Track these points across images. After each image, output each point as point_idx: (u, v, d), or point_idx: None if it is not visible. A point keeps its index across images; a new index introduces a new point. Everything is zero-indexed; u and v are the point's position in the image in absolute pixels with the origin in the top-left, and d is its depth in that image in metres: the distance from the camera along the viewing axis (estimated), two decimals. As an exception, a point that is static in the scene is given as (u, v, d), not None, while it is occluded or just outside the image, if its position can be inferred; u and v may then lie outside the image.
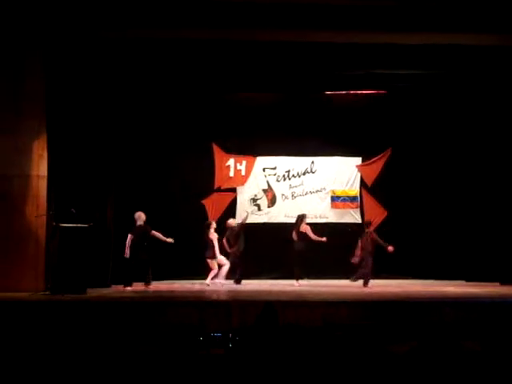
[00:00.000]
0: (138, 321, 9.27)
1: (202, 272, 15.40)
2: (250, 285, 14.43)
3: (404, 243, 15.47)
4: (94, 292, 11.95)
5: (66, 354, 5.51)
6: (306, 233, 14.57)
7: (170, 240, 13.68)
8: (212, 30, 12.29)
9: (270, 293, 12.47)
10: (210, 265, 14.37)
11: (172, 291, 13.07)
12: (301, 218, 14.92)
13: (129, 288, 13.22)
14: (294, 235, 14.61)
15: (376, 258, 14.90)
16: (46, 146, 12.54)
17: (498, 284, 14.17)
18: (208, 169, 16.30)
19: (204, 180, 16.28)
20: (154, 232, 13.57)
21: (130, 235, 13.47)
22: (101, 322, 9.17)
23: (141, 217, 13.69)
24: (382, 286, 13.92)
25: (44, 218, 12.27)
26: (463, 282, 14.81)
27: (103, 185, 14.00)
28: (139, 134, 15.37)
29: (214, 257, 14.33)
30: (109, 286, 13.47)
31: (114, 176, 14.34)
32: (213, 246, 14.30)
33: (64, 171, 12.97)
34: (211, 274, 14.33)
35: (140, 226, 13.63)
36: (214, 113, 16.06)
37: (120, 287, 13.45)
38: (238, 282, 14.67)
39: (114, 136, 14.33)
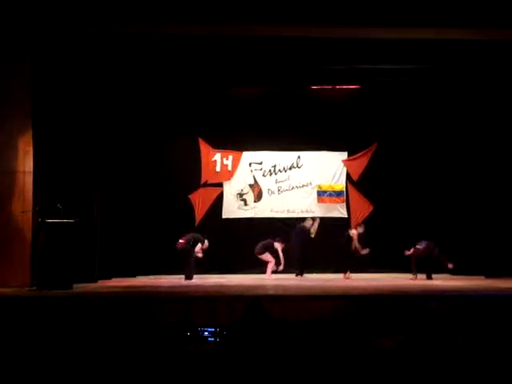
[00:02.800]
0: (125, 316, 9.25)
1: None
2: (236, 279, 14.44)
3: (390, 237, 15.57)
4: (80, 287, 11.93)
5: (53, 349, 5.51)
6: (351, 236, 14.94)
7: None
8: (197, 26, 12.27)
9: (256, 287, 12.48)
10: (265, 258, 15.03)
11: (159, 286, 13.06)
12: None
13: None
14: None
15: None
16: (31, 142, 12.48)
17: (483, 277, 14.26)
18: (194, 163, 16.31)
19: (190, 175, 16.28)
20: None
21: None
22: (87, 317, 9.15)
23: None
24: (368, 280, 13.97)
25: (30, 213, 12.21)
26: (449, 276, 14.90)
27: (89, 180, 13.96)
28: (125, 128, 15.34)
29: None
30: (95, 281, 13.45)
31: (100, 171, 14.30)
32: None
33: (50, 167, 12.91)
34: (270, 267, 15.00)
35: None
36: (200, 107, 16.07)
37: (106, 282, 13.58)
38: (301, 274, 15.06)
39: (100, 131, 14.29)
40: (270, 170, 16.56)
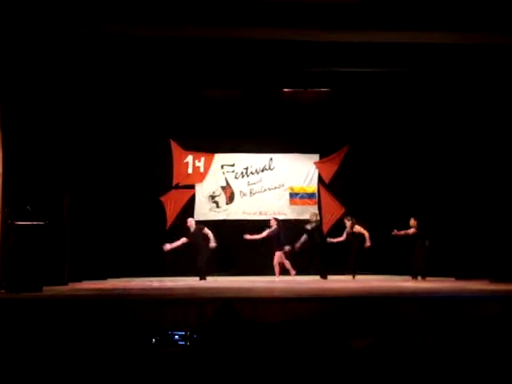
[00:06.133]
0: (95, 319, 9.18)
1: (160, 270, 15.40)
2: (209, 282, 14.42)
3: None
4: (50, 290, 11.82)
5: (21, 352, 5.45)
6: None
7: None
8: (169, 27, 12.17)
9: (228, 290, 12.46)
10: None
11: (130, 289, 12.97)
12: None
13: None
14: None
15: (333, 254, 15.09)
16: (0, 143, 12.36)
17: (453, 279, 14.37)
18: (166, 165, 16.25)
19: (162, 177, 16.23)
20: None
21: None
22: (57, 320, 9.07)
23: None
24: (339, 282, 14.02)
25: (-1, 215, 12.12)
26: (419, 277, 15.00)
27: (59, 182, 13.82)
28: (96, 130, 15.20)
29: None
30: (66, 283, 13.34)
31: (70, 173, 14.16)
32: None
33: (19, 168, 12.79)
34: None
35: None
36: (172, 109, 16.01)
37: (76, 284, 13.48)
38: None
39: (70, 132, 14.15)
40: (242, 172, 16.57)
